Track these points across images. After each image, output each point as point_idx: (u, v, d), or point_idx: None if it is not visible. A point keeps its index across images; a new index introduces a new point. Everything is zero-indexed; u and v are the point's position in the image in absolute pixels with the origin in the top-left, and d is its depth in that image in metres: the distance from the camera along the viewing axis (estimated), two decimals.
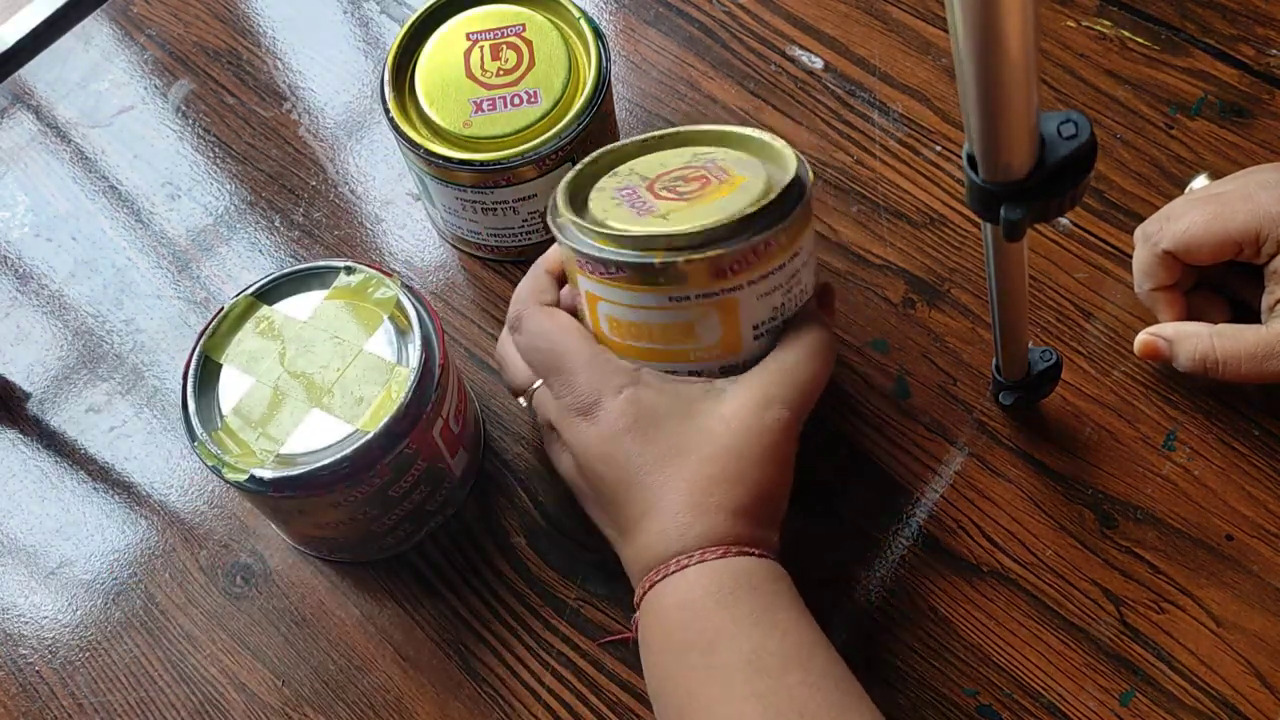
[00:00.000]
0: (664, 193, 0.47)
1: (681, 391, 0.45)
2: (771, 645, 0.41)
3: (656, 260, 0.43)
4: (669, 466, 0.44)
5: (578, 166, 0.50)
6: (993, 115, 0.33)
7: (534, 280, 0.50)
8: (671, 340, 0.46)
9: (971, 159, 0.36)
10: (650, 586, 0.44)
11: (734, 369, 0.46)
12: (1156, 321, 0.54)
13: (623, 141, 0.51)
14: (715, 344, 0.46)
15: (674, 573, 0.43)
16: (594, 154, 0.51)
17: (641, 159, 0.50)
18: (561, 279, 0.50)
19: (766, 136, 0.49)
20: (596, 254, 0.44)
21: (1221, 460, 0.53)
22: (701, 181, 0.47)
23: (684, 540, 0.43)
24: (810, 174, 0.47)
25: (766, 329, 0.46)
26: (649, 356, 0.46)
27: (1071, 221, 0.60)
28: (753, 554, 0.44)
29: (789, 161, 0.46)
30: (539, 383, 0.48)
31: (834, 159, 0.63)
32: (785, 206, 0.44)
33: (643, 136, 0.51)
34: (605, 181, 0.49)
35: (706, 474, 0.44)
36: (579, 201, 0.48)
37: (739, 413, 0.44)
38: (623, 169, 0.50)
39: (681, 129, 0.51)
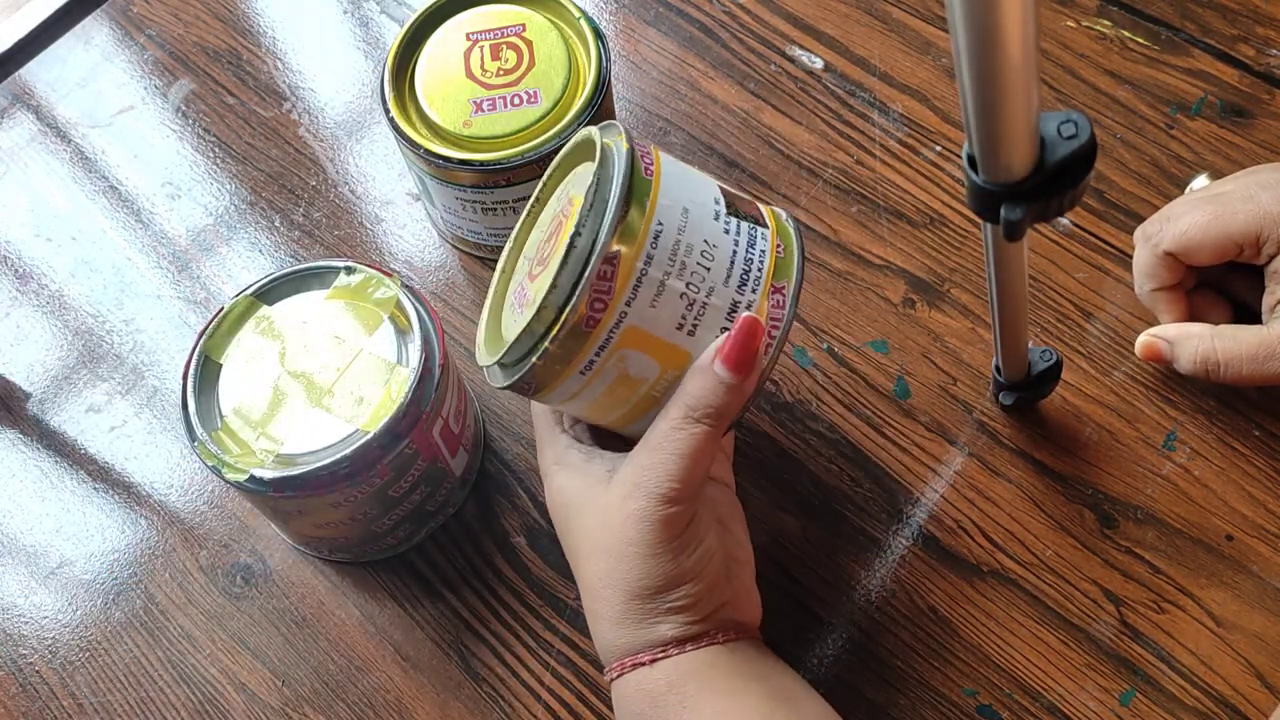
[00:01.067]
0: (537, 269, 0.42)
1: (589, 474, 0.43)
2: None
3: (535, 362, 0.40)
4: (571, 561, 0.45)
5: (490, 293, 0.47)
6: (993, 115, 0.33)
7: None
8: (625, 398, 0.42)
9: (971, 159, 0.36)
10: None
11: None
12: (1157, 322, 0.54)
13: (516, 225, 0.48)
14: (661, 370, 0.41)
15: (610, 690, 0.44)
16: (500, 263, 0.48)
17: (530, 235, 0.47)
18: None
19: (581, 135, 0.44)
20: (507, 387, 0.42)
21: (1221, 460, 0.53)
22: (555, 231, 0.42)
23: (600, 651, 0.44)
24: (621, 142, 0.40)
25: (695, 316, 0.40)
26: (631, 419, 0.43)
27: (1071, 221, 0.60)
28: (644, 663, 0.42)
29: (593, 158, 0.41)
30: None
31: (834, 159, 0.63)
32: (591, 221, 0.39)
33: (527, 205, 0.47)
34: (509, 290, 0.46)
35: (589, 576, 0.43)
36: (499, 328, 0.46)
37: (609, 504, 0.42)
38: (519, 261, 0.47)
39: (550, 168, 0.46)
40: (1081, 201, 0.58)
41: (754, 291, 0.41)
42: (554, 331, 0.39)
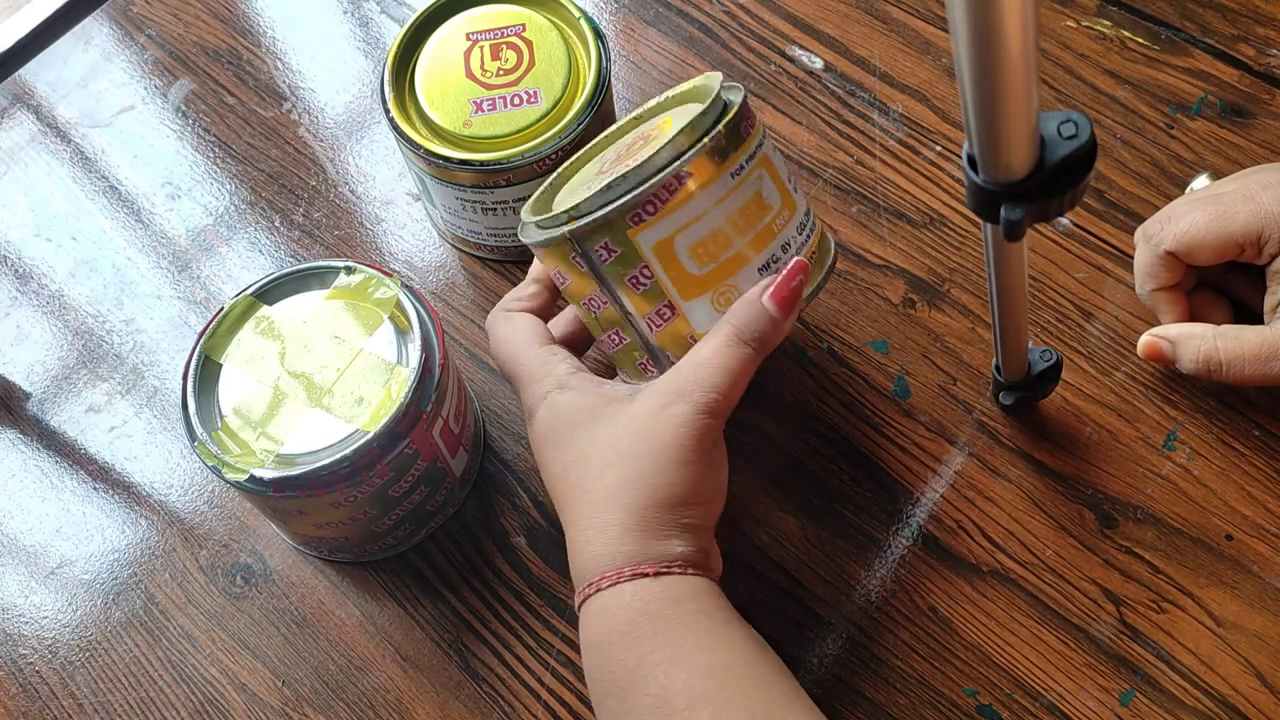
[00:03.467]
0: (640, 149, 0.46)
1: (605, 393, 0.45)
2: (677, 682, 0.40)
3: (706, 144, 0.44)
4: (573, 475, 0.44)
5: (534, 198, 0.51)
6: (993, 115, 0.33)
7: (514, 290, 0.50)
8: (753, 223, 0.45)
9: (971, 159, 0.36)
10: (578, 609, 0.44)
11: (804, 226, 0.47)
12: (1157, 322, 0.54)
13: (583, 150, 0.52)
14: (780, 205, 0.46)
15: (582, 603, 0.43)
16: (559, 171, 0.52)
17: (598, 154, 0.51)
18: (549, 288, 0.50)
19: (687, 85, 0.50)
20: (661, 174, 0.43)
21: (1221, 460, 0.53)
22: (648, 139, 0.47)
23: (587, 563, 0.43)
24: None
25: (793, 186, 0.47)
26: (739, 263, 0.45)
27: (1071, 221, 0.60)
28: (647, 574, 0.42)
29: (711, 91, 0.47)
30: None
31: (834, 159, 0.63)
32: (731, 98, 0.47)
33: (597, 138, 0.52)
34: (582, 175, 0.50)
35: (606, 483, 0.43)
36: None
37: (640, 412, 0.43)
38: (584, 167, 0.51)
39: (627, 118, 0.52)
40: (1081, 201, 0.58)
41: (801, 248, 0.47)
42: (724, 121, 0.44)
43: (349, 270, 0.50)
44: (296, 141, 0.66)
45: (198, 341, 0.49)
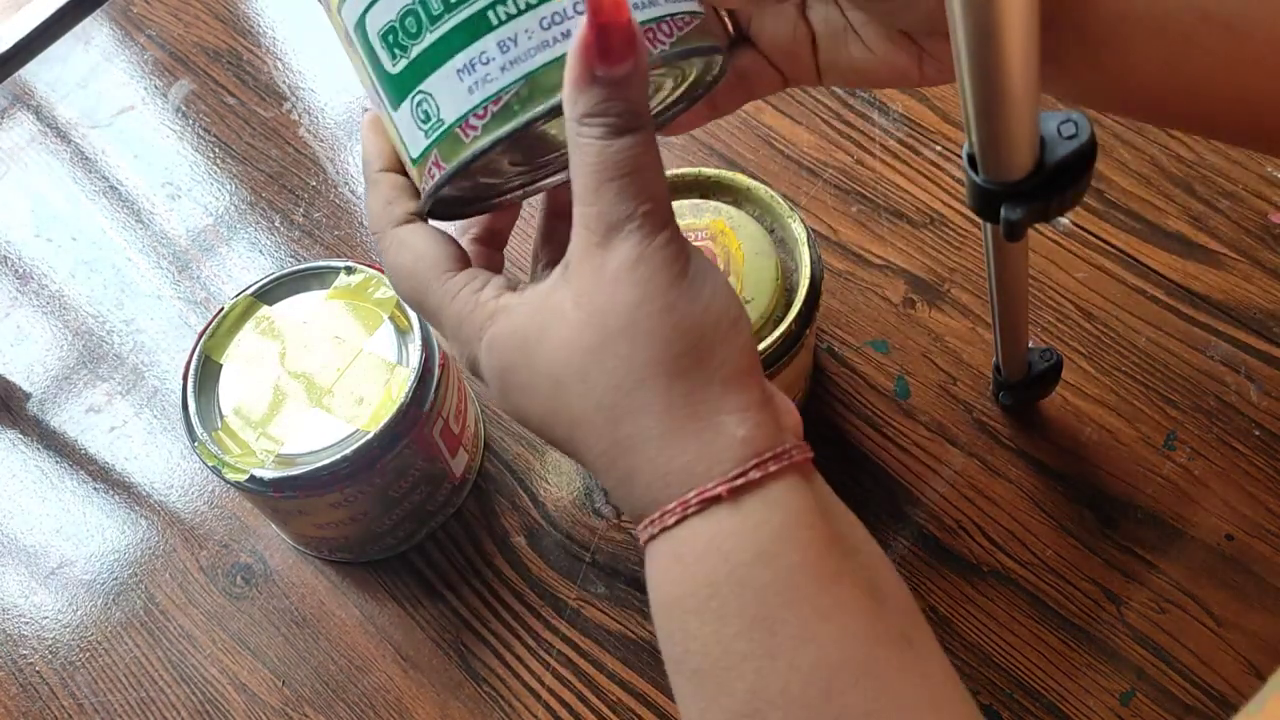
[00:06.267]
0: None
1: (540, 293, 0.33)
2: (772, 689, 0.30)
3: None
4: (560, 409, 0.33)
5: None
6: (993, 115, 0.33)
7: (378, 191, 0.36)
8: None
9: (971, 159, 0.36)
10: (644, 548, 0.33)
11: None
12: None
13: None
14: None
15: (646, 544, 0.32)
16: None
17: None
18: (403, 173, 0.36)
19: (737, 178, 0.50)
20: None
21: (1221, 460, 0.53)
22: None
23: (639, 498, 0.32)
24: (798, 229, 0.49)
25: None
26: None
27: (1071, 221, 0.60)
28: (720, 497, 0.31)
29: (795, 238, 0.49)
30: None
31: (834, 159, 0.63)
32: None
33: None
34: None
35: (597, 394, 0.32)
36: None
37: (586, 278, 0.31)
38: None
39: (683, 172, 0.51)
40: (1081, 201, 0.58)
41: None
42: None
43: (349, 270, 0.50)
44: (296, 141, 0.66)
45: (198, 341, 0.49)
